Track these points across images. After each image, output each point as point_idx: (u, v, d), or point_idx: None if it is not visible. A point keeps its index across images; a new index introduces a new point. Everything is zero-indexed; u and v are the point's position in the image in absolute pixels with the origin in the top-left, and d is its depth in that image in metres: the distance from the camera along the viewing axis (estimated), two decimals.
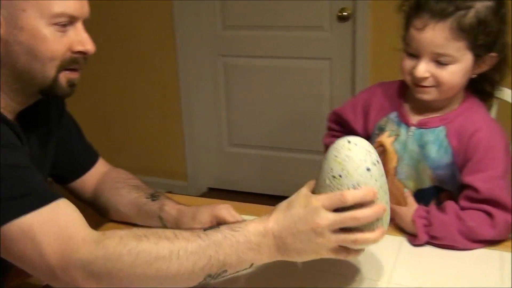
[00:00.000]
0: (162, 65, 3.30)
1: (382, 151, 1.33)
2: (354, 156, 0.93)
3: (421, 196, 1.31)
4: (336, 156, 0.94)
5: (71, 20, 1.01)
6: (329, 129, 1.53)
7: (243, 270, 0.97)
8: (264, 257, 0.95)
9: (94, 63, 3.43)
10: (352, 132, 1.42)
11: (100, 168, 1.36)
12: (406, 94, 1.36)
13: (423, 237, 1.19)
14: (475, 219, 1.18)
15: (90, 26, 1.07)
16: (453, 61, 1.21)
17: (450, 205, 1.22)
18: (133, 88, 3.41)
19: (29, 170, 0.96)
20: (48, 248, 0.89)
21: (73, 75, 1.06)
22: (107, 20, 3.30)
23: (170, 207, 1.24)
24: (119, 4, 3.24)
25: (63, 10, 0.99)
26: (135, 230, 0.94)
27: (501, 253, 1.16)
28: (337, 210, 0.91)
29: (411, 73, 1.25)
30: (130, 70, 3.37)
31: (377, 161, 0.95)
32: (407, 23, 1.26)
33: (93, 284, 0.89)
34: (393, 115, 1.36)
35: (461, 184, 1.25)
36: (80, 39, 1.04)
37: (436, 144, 1.29)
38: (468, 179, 1.22)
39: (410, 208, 1.24)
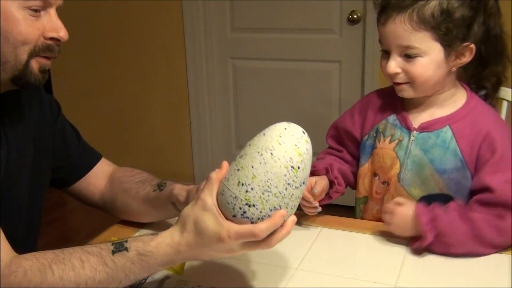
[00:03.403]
0: (171, 67, 3.30)
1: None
2: (310, 150, 0.93)
3: (428, 203, 1.24)
4: (297, 146, 0.90)
5: (44, 5, 1.00)
6: (329, 146, 1.50)
7: None
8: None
9: (103, 65, 3.47)
10: (352, 142, 1.41)
11: (104, 168, 1.34)
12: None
13: (429, 235, 1.13)
14: (482, 219, 1.14)
15: (99, 27, 1.07)
16: (420, 53, 1.20)
17: (452, 204, 1.18)
18: (142, 90, 3.42)
19: None
20: None
21: (45, 61, 1.03)
22: (116, 22, 3.31)
23: (179, 191, 1.19)
24: (128, 6, 3.25)
25: None
26: (41, 258, 0.93)
27: (510, 257, 1.15)
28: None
29: (385, 70, 1.26)
30: (139, 72, 3.38)
31: None
32: (377, 20, 1.26)
33: None
34: (392, 119, 1.33)
35: (473, 190, 1.21)
36: (53, 25, 1.01)
37: (443, 147, 1.25)
38: (488, 179, 1.18)
39: (409, 206, 1.19)
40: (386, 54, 1.25)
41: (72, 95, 3.51)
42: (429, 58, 1.20)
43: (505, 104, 1.59)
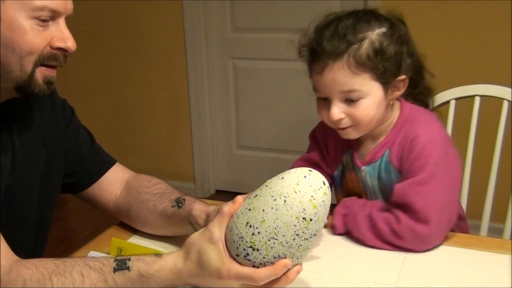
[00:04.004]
0: (172, 67, 3.30)
1: None
2: (328, 202, 0.90)
3: None
4: (313, 198, 0.87)
5: (53, 15, 0.99)
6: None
7: None
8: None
9: (103, 65, 3.46)
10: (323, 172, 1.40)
11: (119, 174, 1.31)
12: None
13: (339, 226, 1.24)
14: (382, 219, 1.18)
15: (100, 27, 1.07)
16: (362, 95, 1.20)
17: (369, 203, 1.26)
18: (142, 90, 3.42)
19: None
20: None
21: (50, 72, 1.03)
22: (116, 22, 3.31)
23: (198, 213, 1.16)
24: (129, 6, 3.25)
25: (45, 4, 0.96)
26: (41, 268, 0.93)
27: (510, 257, 1.15)
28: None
29: (328, 118, 1.24)
30: (139, 72, 3.38)
31: None
32: (309, 69, 1.25)
33: None
34: (349, 154, 1.36)
35: None
36: (61, 35, 1.01)
37: (386, 171, 1.28)
38: (395, 185, 1.22)
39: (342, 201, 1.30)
40: (325, 102, 1.24)
41: (72, 95, 3.49)
42: (371, 98, 1.20)
43: (505, 104, 1.58)
